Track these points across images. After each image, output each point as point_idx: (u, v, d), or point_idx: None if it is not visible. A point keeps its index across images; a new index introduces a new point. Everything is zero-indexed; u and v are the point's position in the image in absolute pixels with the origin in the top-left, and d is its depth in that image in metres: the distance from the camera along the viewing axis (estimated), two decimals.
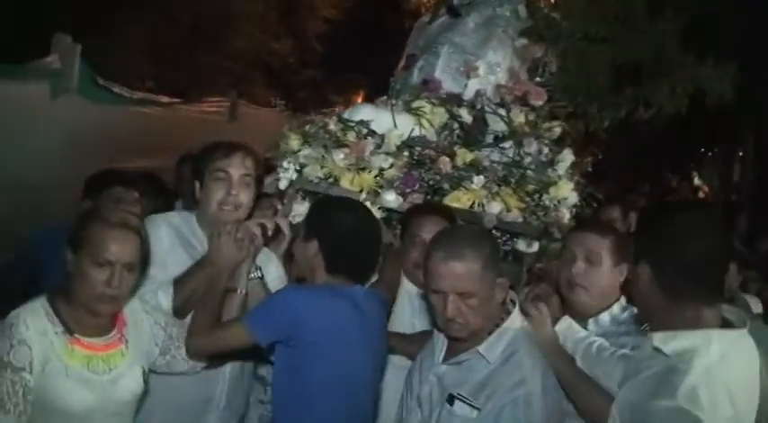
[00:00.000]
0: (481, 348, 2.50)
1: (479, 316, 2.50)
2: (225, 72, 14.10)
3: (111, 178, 4.02)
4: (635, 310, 2.78)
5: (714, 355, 2.04)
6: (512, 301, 2.67)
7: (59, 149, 5.51)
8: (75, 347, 2.50)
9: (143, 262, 2.63)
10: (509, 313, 2.60)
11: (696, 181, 21.52)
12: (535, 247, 4.01)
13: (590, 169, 4.34)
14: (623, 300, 2.94)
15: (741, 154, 17.87)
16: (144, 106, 7.12)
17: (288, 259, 3.37)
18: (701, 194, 19.85)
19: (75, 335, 2.50)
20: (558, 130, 4.51)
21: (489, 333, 2.54)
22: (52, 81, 5.66)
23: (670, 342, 2.11)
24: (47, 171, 4.61)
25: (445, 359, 2.65)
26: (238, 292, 3.02)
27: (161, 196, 4.74)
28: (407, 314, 3.53)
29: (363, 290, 2.93)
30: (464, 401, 2.46)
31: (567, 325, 2.81)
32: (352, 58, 21.20)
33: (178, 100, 8.30)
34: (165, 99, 8.04)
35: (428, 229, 3.33)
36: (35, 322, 2.44)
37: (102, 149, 5.45)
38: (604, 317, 2.93)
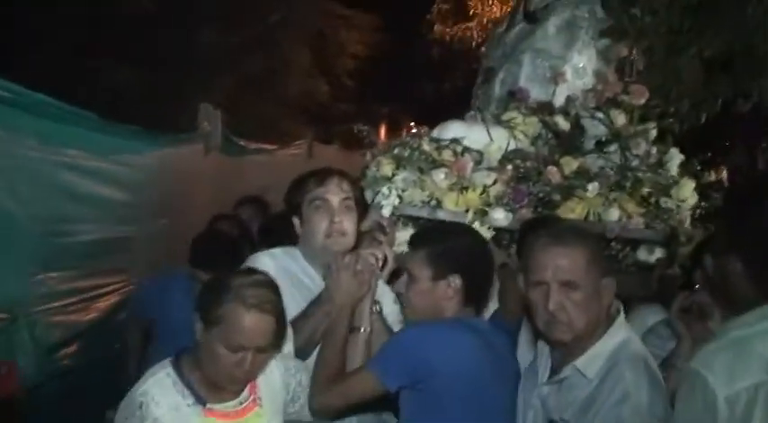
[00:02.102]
0: (579, 363, 2.11)
1: (584, 316, 2.10)
2: (279, 116, 14.30)
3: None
4: None
5: None
6: (617, 309, 2.24)
7: (212, 196, 6.32)
8: (211, 419, 2.15)
9: (279, 339, 2.29)
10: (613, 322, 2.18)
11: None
12: (657, 254, 3.47)
13: (699, 168, 3.79)
14: None
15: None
16: (257, 154, 8.15)
17: None
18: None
19: (208, 405, 2.15)
20: (653, 131, 3.97)
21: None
22: (203, 142, 6.56)
23: None
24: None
25: (549, 377, 2.24)
26: (362, 330, 2.64)
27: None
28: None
29: (488, 322, 2.61)
30: None
31: None
32: (378, 89, 21.19)
33: (275, 146, 9.20)
34: (267, 146, 8.87)
35: None
36: (166, 397, 2.11)
37: (234, 193, 5.89)
38: None
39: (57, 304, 4.17)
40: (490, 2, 14.47)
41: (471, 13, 14.98)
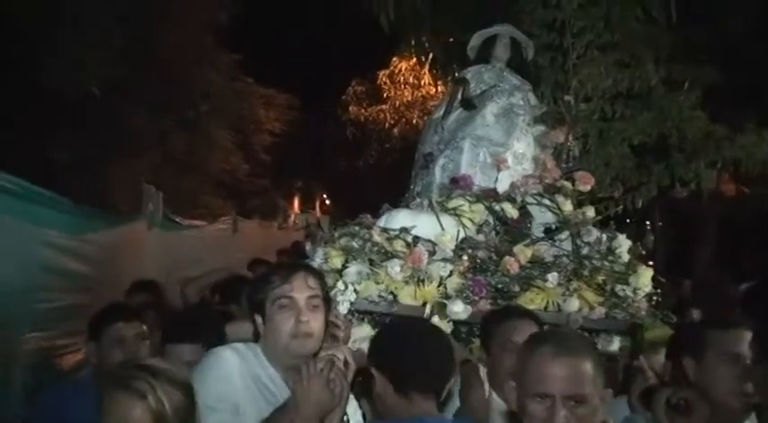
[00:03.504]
0: None
1: None
2: (200, 191, 14.58)
3: (112, 314, 3.23)
4: None
5: None
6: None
7: (156, 267, 6.59)
8: None
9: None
10: None
11: None
12: (617, 344, 3.22)
13: (644, 252, 3.60)
14: None
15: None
16: (189, 230, 8.71)
17: None
18: None
19: None
20: (591, 216, 3.78)
21: None
22: (147, 220, 7.14)
23: None
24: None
25: None
26: None
27: None
28: None
29: (447, 420, 2.31)
30: None
31: None
32: (293, 164, 21.25)
33: (204, 223, 9.80)
34: (198, 222, 9.47)
35: (521, 333, 2.71)
36: None
37: (173, 263, 6.76)
38: None
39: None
40: (402, 86, 14.58)
41: (384, 96, 15.07)
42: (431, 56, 7.39)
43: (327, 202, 27.28)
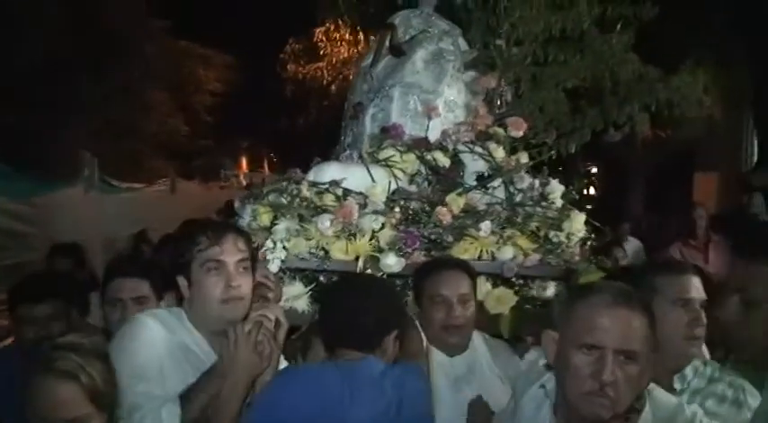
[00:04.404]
0: None
1: (630, 394, 1.67)
2: (142, 155, 14.52)
3: (17, 296, 2.98)
4: None
5: None
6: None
7: (92, 229, 7.06)
8: None
9: (106, 405, 1.80)
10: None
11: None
12: (552, 290, 3.06)
13: (576, 197, 3.42)
14: None
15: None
16: (127, 192, 9.01)
17: None
18: None
19: None
20: (525, 162, 3.58)
21: None
22: (84, 184, 7.60)
23: None
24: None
25: None
26: None
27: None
28: (445, 387, 2.62)
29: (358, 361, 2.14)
30: None
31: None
32: (237, 124, 20.85)
33: (142, 184, 9.97)
34: (136, 185, 9.65)
35: (451, 286, 2.65)
36: None
37: (112, 224, 7.47)
38: (688, 371, 2.19)
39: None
40: (339, 43, 14.17)
41: (322, 53, 14.64)
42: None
43: (275, 160, 26.80)
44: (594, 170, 17.49)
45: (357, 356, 2.15)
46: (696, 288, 2.17)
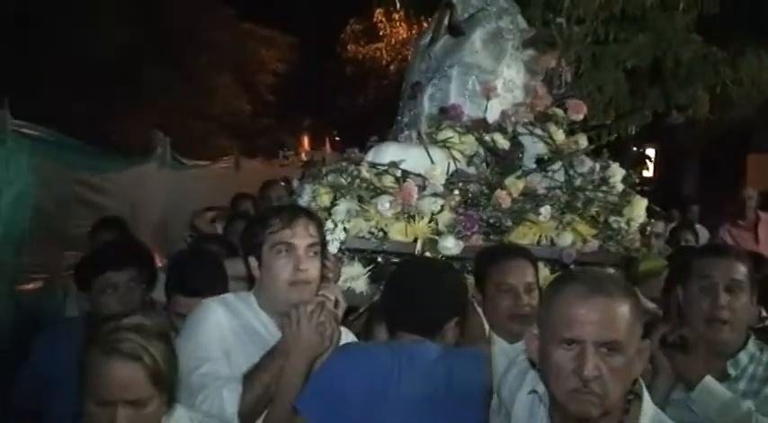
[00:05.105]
0: None
1: (619, 387, 1.51)
2: (207, 134, 14.93)
3: (100, 263, 2.89)
4: None
5: None
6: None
7: (165, 202, 7.81)
8: None
9: (166, 386, 1.76)
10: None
11: None
12: None
13: (637, 181, 3.26)
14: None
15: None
16: (195, 169, 9.53)
17: None
18: None
19: None
20: (584, 144, 3.43)
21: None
22: (157, 161, 8.07)
23: None
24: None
25: None
26: None
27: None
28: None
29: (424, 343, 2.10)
30: None
31: (705, 389, 1.94)
32: (299, 103, 20.93)
33: (208, 162, 10.40)
34: (202, 162, 10.07)
35: (517, 275, 2.58)
36: None
37: (180, 199, 7.70)
38: (743, 357, 2.09)
39: None
40: (398, 24, 14.03)
41: (381, 34, 14.54)
42: None
43: (337, 138, 26.88)
44: (650, 152, 16.89)
45: (416, 340, 2.11)
46: (721, 270, 2.08)
